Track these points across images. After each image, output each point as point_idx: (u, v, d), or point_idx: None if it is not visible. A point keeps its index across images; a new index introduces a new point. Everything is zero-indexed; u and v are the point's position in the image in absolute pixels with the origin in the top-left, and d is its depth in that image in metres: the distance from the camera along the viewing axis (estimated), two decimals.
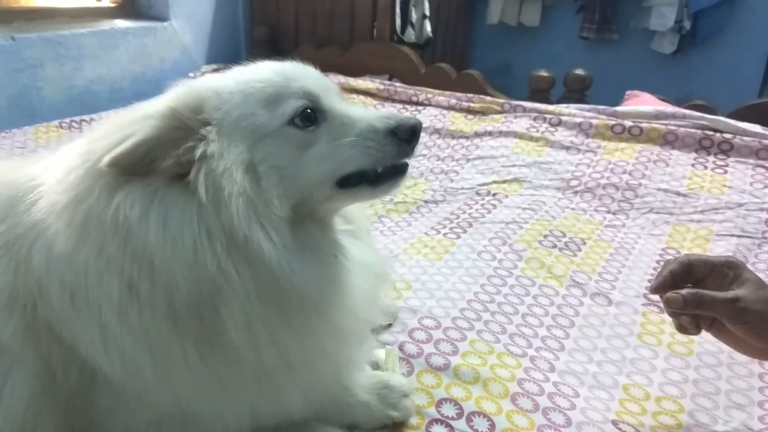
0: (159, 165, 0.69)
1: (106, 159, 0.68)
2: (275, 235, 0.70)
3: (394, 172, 0.79)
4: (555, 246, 1.44)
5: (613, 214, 1.66)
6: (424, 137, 2.03)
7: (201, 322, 0.69)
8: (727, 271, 0.88)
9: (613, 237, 1.54)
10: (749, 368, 1.05)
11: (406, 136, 0.77)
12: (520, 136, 2.01)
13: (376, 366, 0.95)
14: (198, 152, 0.70)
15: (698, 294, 0.84)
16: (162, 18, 2.68)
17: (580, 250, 1.45)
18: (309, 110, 0.76)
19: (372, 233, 0.98)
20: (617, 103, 2.17)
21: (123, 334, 0.69)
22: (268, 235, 0.69)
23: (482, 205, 1.68)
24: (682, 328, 0.87)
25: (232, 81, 0.77)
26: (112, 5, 2.65)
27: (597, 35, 3.19)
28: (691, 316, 0.86)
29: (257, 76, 0.77)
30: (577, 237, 1.51)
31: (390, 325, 1.06)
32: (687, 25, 2.93)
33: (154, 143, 0.69)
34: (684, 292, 0.84)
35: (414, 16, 2.80)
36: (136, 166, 0.69)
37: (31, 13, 2.36)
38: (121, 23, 2.55)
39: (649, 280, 1.31)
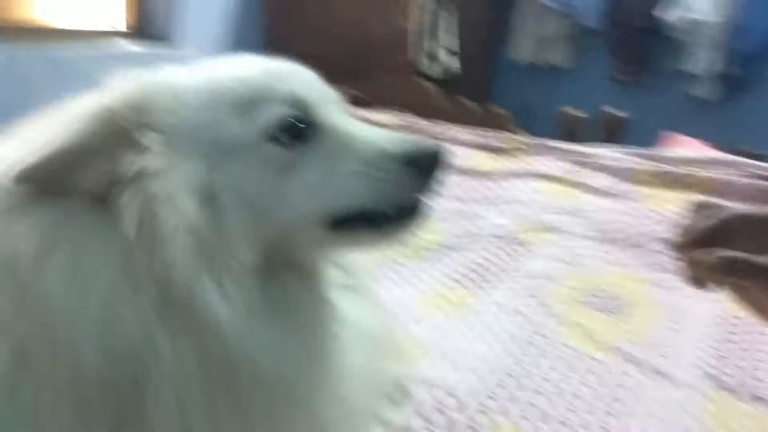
0: (82, 183, 0.51)
1: (13, 173, 0.50)
2: (233, 290, 0.50)
3: (407, 212, 0.59)
4: (602, 309, 1.22)
5: (666, 272, 1.44)
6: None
7: (117, 412, 0.49)
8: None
9: (668, 301, 1.31)
10: None
11: (428, 165, 0.58)
12: (550, 178, 1.80)
13: None
14: (133, 168, 0.50)
15: (735, 260, 0.65)
16: (173, 43, 2.54)
17: (630, 314, 1.22)
18: (296, 122, 0.56)
19: (376, 285, 0.75)
20: (649, 148, 1.98)
21: (9, 419, 0.49)
22: (222, 290, 0.49)
23: (509, 254, 1.46)
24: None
25: (200, 77, 0.58)
26: (125, 30, 2.53)
27: (629, 77, 3.01)
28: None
29: (230, 73, 0.58)
30: (624, 298, 1.28)
31: (397, 402, 0.83)
32: (729, 69, 2.75)
33: (76, 153, 0.50)
34: (722, 256, 0.64)
35: (436, 49, 2.63)
36: (54, 184, 0.51)
37: (32, 32, 2.24)
38: (128, 46, 2.45)
39: (713, 355, 1.08)
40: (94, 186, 0.51)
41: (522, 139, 2.02)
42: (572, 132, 2.06)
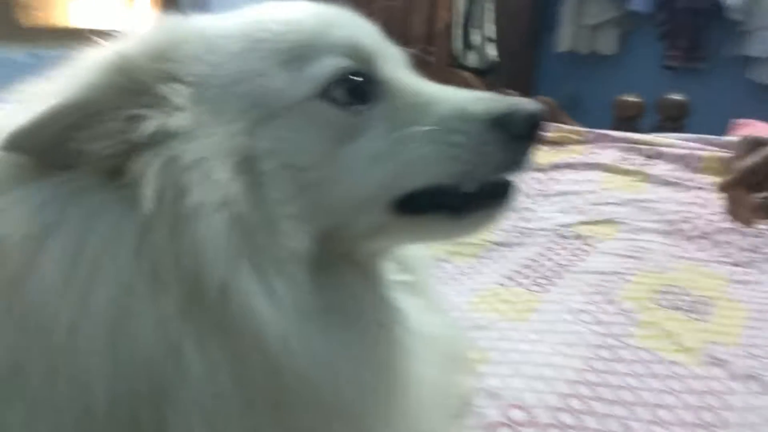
0: (88, 150, 0.41)
1: (3, 137, 0.41)
2: (281, 286, 0.40)
3: (492, 195, 0.48)
4: (677, 307, 1.09)
5: (740, 266, 1.31)
6: None
7: None
8: None
9: (747, 296, 1.18)
10: None
11: (522, 129, 0.46)
12: (608, 169, 1.69)
13: None
14: (150, 127, 0.41)
15: None
16: None
17: (709, 313, 1.10)
18: (358, 77, 0.46)
19: (437, 282, 0.65)
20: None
21: None
22: (266, 286, 0.39)
23: (570, 250, 1.35)
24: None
25: (235, 21, 0.48)
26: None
27: (684, 63, 2.86)
28: None
29: (275, 16, 0.48)
30: (702, 295, 1.16)
31: (460, 416, 0.73)
32: None
33: (81, 111, 0.41)
34: None
35: (476, 39, 2.53)
36: (53, 152, 0.41)
37: (60, 33, 2.22)
38: None
39: None
40: (104, 153, 0.41)
41: (576, 128, 1.90)
42: (629, 121, 1.92)
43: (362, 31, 0.50)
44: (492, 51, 2.56)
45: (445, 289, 1.14)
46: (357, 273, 0.48)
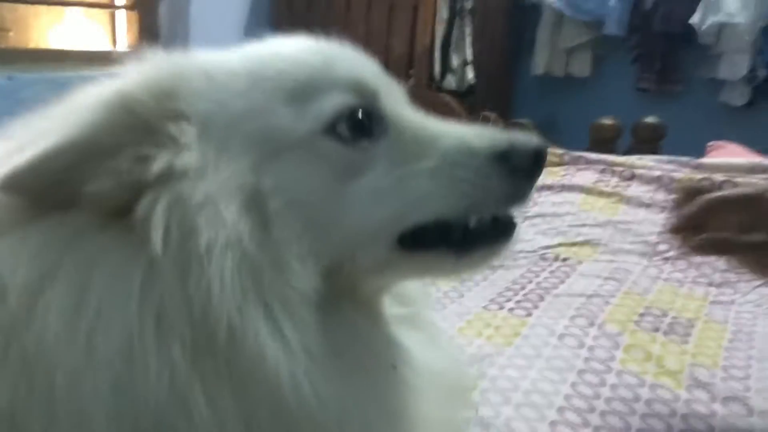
0: (88, 190, 0.40)
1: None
2: (290, 329, 0.39)
3: (495, 232, 0.48)
4: (657, 329, 1.11)
5: (717, 287, 1.33)
6: None
7: None
8: (750, 204, 0.84)
9: (725, 317, 1.20)
10: None
11: (526, 164, 0.46)
12: (587, 191, 1.71)
13: None
14: (157, 166, 0.40)
15: (723, 242, 0.81)
16: None
17: (689, 334, 1.11)
18: (362, 113, 0.46)
19: (434, 315, 0.64)
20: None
21: None
22: (275, 328, 0.39)
23: (551, 272, 1.36)
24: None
25: (237, 58, 0.48)
26: (129, 50, 2.46)
27: (657, 86, 2.92)
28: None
29: (279, 53, 0.48)
30: (682, 317, 1.17)
31: None
32: (762, 74, 2.64)
33: (81, 152, 0.40)
34: (711, 238, 0.80)
35: (454, 62, 2.56)
36: (52, 192, 0.40)
37: (37, 54, 2.18)
38: None
39: None
40: (106, 193, 0.40)
41: (553, 151, 1.92)
42: (606, 143, 1.96)
43: (365, 67, 0.50)
44: (470, 74, 2.59)
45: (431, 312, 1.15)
46: (361, 312, 0.48)
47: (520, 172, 0.47)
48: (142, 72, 0.45)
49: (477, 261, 0.50)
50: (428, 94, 2.39)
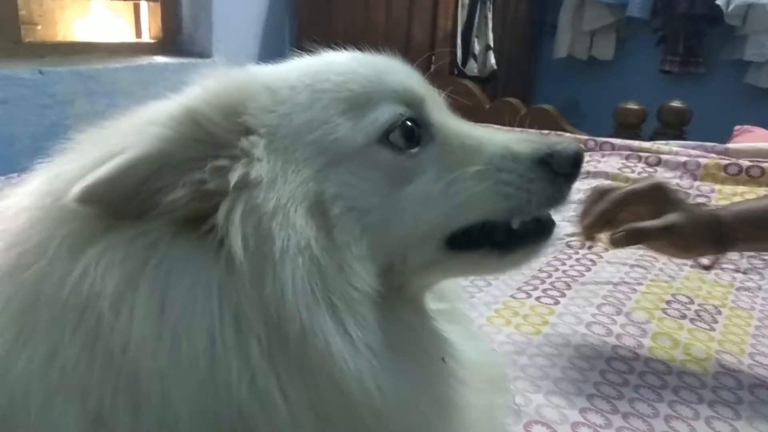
0: (164, 201, 0.42)
1: (76, 189, 0.41)
2: (354, 326, 0.42)
3: (536, 231, 0.51)
4: (684, 316, 1.12)
5: (744, 273, 1.34)
6: None
7: None
8: (655, 194, 0.95)
9: (752, 303, 1.21)
10: None
11: (565, 168, 0.49)
12: (612, 177, 1.70)
13: None
14: (233, 177, 0.42)
15: (638, 231, 0.91)
16: (205, 55, 2.50)
17: (716, 321, 1.12)
18: (412, 122, 0.48)
19: (468, 308, 0.67)
20: (712, 142, 1.86)
21: None
22: (341, 326, 0.42)
23: (577, 260, 1.37)
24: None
25: (294, 72, 0.50)
26: (153, 41, 2.49)
27: (681, 68, 2.88)
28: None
29: (333, 67, 0.50)
30: (708, 303, 1.18)
31: None
32: None
33: (157, 164, 0.42)
34: (627, 229, 0.90)
35: (477, 47, 2.55)
36: (127, 203, 0.42)
37: (65, 48, 2.20)
38: (160, 59, 2.37)
39: None
40: (180, 204, 0.42)
41: (577, 136, 1.92)
42: (631, 128, 1.94)
43: (412, 77, 0.53)
44: (492, 59, 2.58)
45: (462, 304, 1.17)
46: (409, 308, 0.50)
47: (560, 175, 0.50)
48: (207, 88, 0.47)
49: (519, 259, 0.53)
50: (450, 80, 2.39)
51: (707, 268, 1.03)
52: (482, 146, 0.50)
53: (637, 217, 0.93)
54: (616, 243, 0.92)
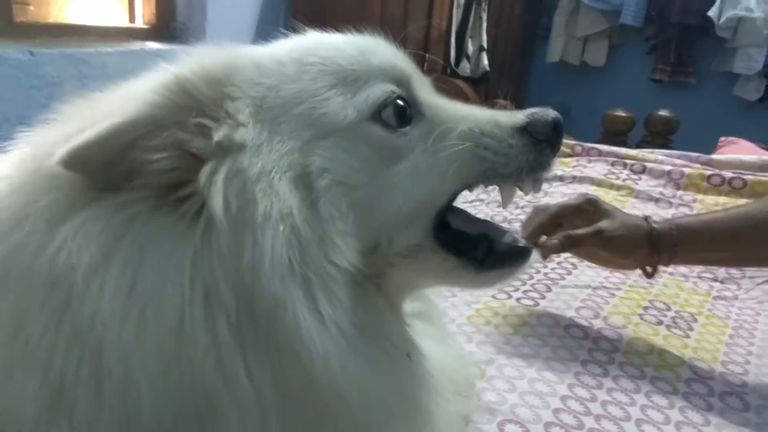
0: (147, 168, 0.42)
1: (61, 151, 0.41)
2: (326, 304, 0.42)
3: (513, 255, 0.55)
4: (660, 322, 1.14)
5: (721, 282, 1.36)
6: (482, 208, 1.74)
7: None
8: (587, 207, 1.04)
9: (728, 312, 1.23)
10: None
11: (545, 133, 0.52)
12: (597, 183, 1.72)
13: None
14: (217, 136, 0.43)
15: (569, 236, 0.99)
16: (198, 41, 2.49)
17: (691, 329, 1.14)
18: (402, 101, 0.50)
19: (442, 309, 0.68)
20: (697, 152, 1.88)
21: None
22: (312, 301, 0.42)
23: (559, 263, 1.38)
24: (545, 256, 1.04)
25: (281, 49, 0.51)
26: (146, 27, 2.48)
27: (671, 78, 2.91)
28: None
29: (320, 44, 0.51)
30: (684, 311, 1.20)
31: None
32: None
33: (144, 128, 0.42)
34: (559, 237, 0.99)
35: (470, 48, 2.56)
36: (112, 169, 0.42)
37: (56, 29, 2.19)
38: (153, 45, 2.36)
39: None
40: (162, 167, 0.42)
41: (566, 141, 1.94)
42: (618, 135, 1.97)
43: (397, 56, 0.54)
44: (485, 60, 2.59)
45: (442, 303, 1.18)
46: (384, 298, 0.51)
47: (541, 141, 0.52)
48: (196, 60, 0.48)
49: (494, 278, 0.55)
50: (443, 80, 2.40)
51: (649, 275, 1.06)
52: (468, 117, 0.53)
53: (574, 228, 1.01)
54: (551, 249, 0.98)
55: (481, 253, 0.52)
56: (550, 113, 0.53)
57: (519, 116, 0.53)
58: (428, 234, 0.51)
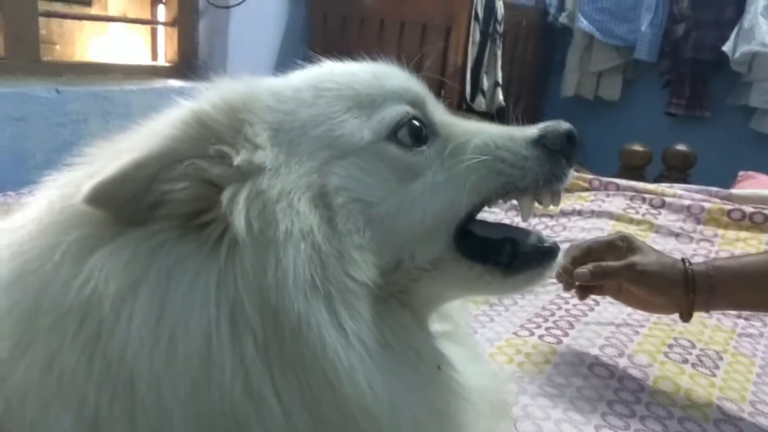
0: (170, 198, 0.43)
1: (85, 188, 0.42)
2: (348, 319, 0.43)
3: (539, 256, 0.55)
4: (686, 360, 1.12)
5: (746, 319, 1.34)
6: (498, 214, 1.74)
7: None
8: (620, 244, 1.02)
9: (754, 350, 1.21)
10: None
11: (559, 143, 0.53)
12: (617, 217, 1.72)
13: None
14: (236, 160, 0.44)
15: (600, 266, 0.98)
16: (219, 78, 2.54)
17: (717, 367, 1.12)
18: (417, 121, 0.51)
19: (472, 331, 0.68)
20: (715, 186, 1.87)
21: None
22: (335, 317, 0.42)
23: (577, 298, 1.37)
24: (582, 296, 1.09)
25: (297, 78, 0.54)
26: (169, 65, 2.53)
27: (686, 112, 2.91)
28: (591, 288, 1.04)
29: (335, 71, 0.54)
30: (710, 349, 1.18)
31: None
32: None
33: (165, 161, 0.43)
34: (589, 266, 0.99)
35: (485, 83, 2.58)
36: (136, 203, 0.43)
37: (82, 68, 2.25)
38: (175, 83, 2.41)
39: None
40: (185, 197, 0.44)
41: (582, 175, 1.94)
42: (636, 169, 1.96)
43: (409, 80, 0.56)
44: (500, 95, 2.62)
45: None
46: (409, 313, 0.52)
47: (556, 152, 0.53)
48: (215, 92, 0.49)
49: (522, 282, 0.55)
50: (458, 115, 2.42)
51: (686, 319, 1.03)
52: (482, 131, 0.54)
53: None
54: (579, 277, 0.98)
55: (506, 256, 0.52)
56: (563, 125, 0.54)
57: (532, 129, 0.55)
58: (450, 246, 0.52)
